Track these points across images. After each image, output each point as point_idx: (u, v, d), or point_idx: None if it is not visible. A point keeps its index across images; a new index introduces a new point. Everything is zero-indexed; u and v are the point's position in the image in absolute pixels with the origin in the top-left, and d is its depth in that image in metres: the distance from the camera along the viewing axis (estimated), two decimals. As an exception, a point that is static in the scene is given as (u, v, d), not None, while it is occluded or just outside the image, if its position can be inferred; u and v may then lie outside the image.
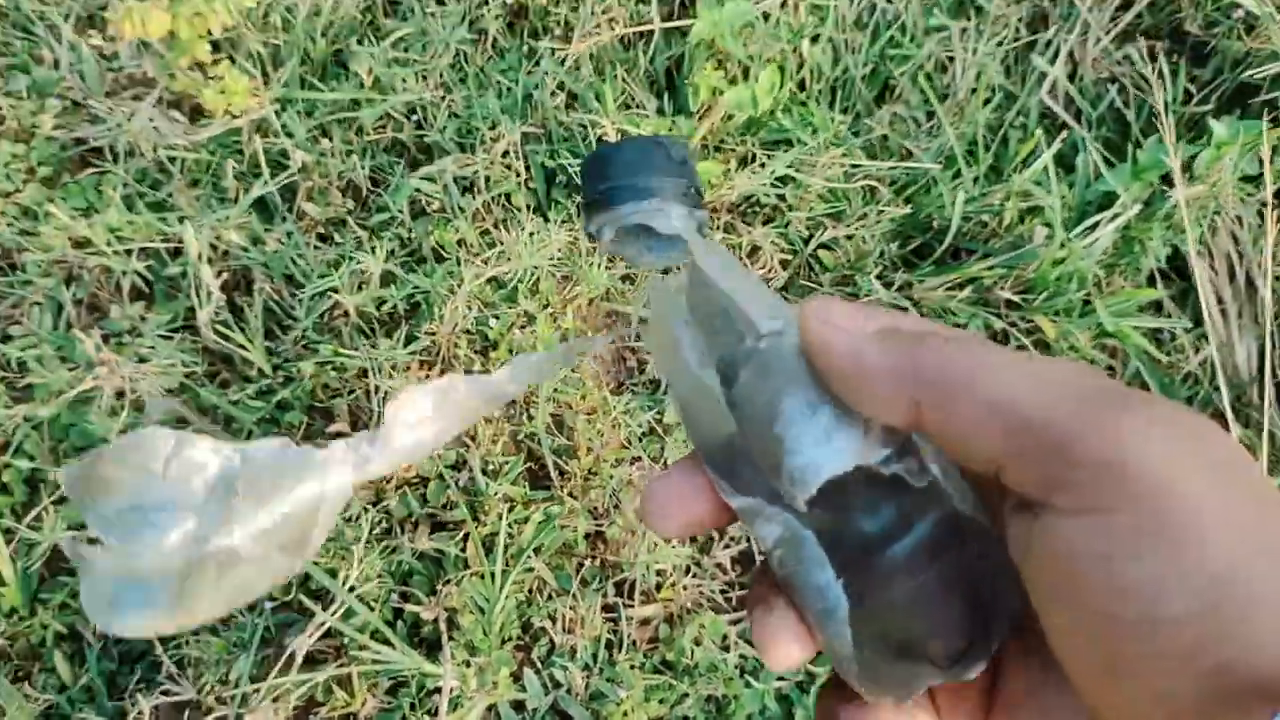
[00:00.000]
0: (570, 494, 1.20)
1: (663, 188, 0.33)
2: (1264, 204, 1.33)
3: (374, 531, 1.15)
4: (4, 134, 1.33)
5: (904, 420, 0.29)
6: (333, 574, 1.11)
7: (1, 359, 1.24)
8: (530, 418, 1.21)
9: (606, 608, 1.18)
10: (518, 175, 1.35)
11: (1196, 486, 0.25)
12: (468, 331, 1.24)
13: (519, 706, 1.13)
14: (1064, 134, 1.43)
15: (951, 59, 1.51)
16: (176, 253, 1.29)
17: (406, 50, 1.46)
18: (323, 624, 1.08)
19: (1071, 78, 1.51)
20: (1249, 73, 1.41)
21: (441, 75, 1.44)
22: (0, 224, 1.27)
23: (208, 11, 1.26)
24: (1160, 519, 0.24)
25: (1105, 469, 0.25)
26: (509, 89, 1.43)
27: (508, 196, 1.35)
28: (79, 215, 1.27)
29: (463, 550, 1.16)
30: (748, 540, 1.24)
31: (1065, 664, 0.27)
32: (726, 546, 1.23)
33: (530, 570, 1.16)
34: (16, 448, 1.19)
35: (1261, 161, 1.42)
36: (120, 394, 1.18)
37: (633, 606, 1.18)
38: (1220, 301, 1.41)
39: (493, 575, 1.14)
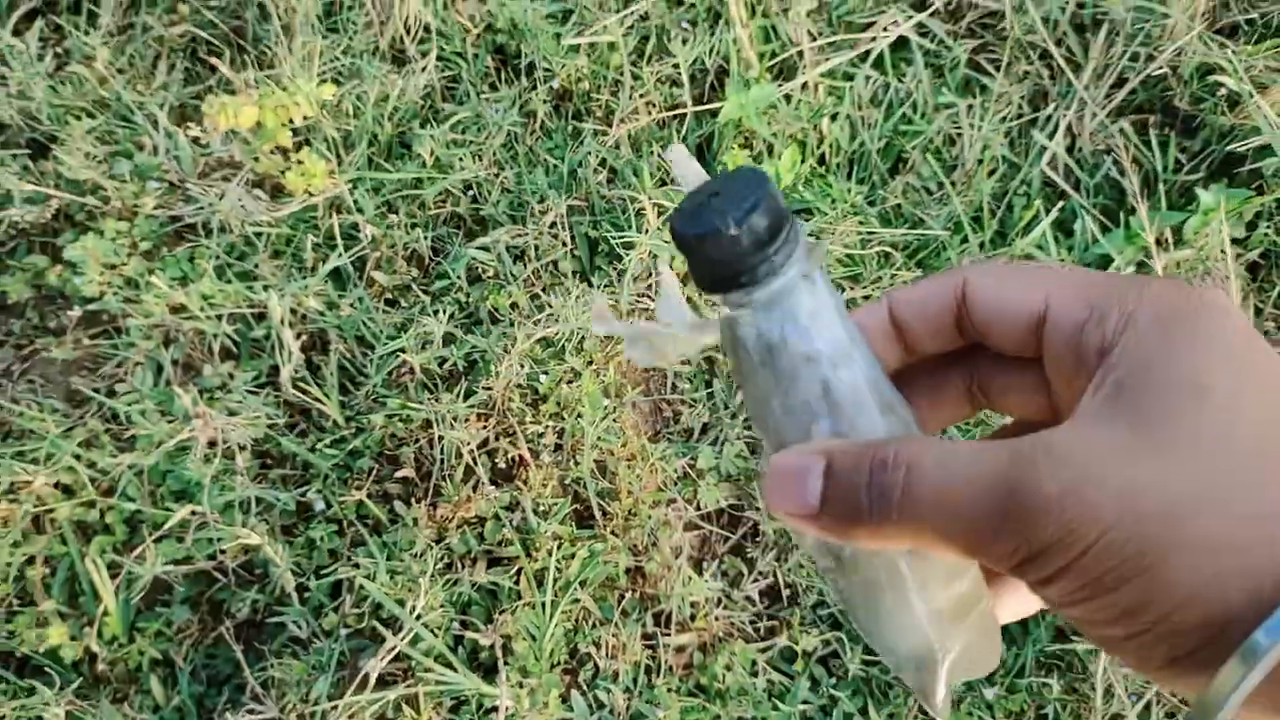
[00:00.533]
0: (613, 532, 1.33)
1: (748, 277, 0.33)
2: (1233, 267, 1.45)
3: (437, 566, 1.28)
4: (109, 213, 1.49)
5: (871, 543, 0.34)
6: (401, 603, 1.24)
7: (108, 412, 1.40)
8: (576, 464, 1.34)
9: (645, 636, 1.30)
10: (564, 244, 1.50)
11: (1117, 533, 0.28)
12: (520, 386, 1.38)
13: (567, 724, 1.25)
14: (1063, 201, 1.56)
15: (960, 133, 1.65)
16: (261, 317, 1.44)
17: (464, 132, 1.62)
18: (393, 648, 1.21)
19: (1070, 149, 1.64)
20: (1234, 145, 1.54)
21: (495, 154, 1.59)
22: (108, 293, 1.43)
23: (290, 104, 1.42)
24: (1095, 568, 0.29)
25: (1045, 553, 0.29)
26: (555, 166, 1.58)
27: (555, 264, 1.50)
28: (176, 284, 1.43)
29: (516, 583, 1.29)
30: (775, 575, 1.36)
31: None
32: (755, 580, 1.35)
33: (577, 601, 1.28)
34: (121, 491, 1.34)
35: (1253, 224, 1.54)
36: (212, 443, 1.33)
37: (669, 635, 1.30)
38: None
39: (543, 606, 1.26)
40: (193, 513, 1.30)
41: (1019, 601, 0.39)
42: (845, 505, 0.32)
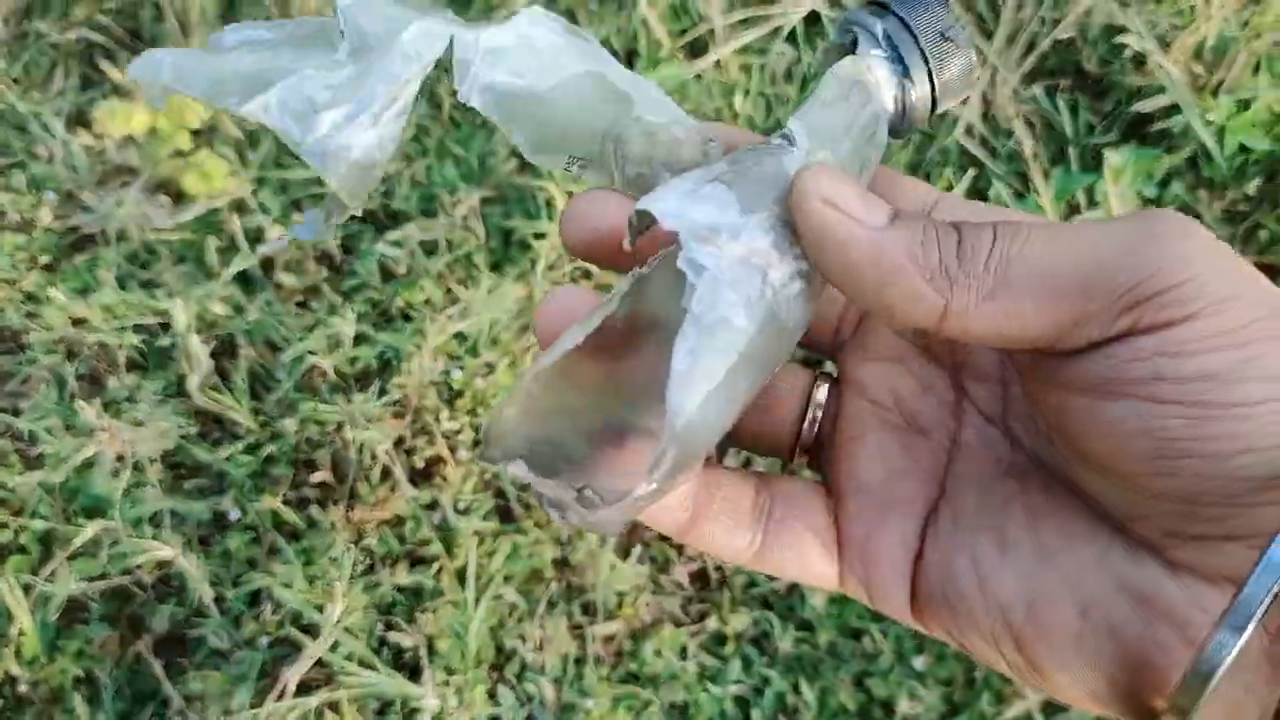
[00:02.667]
0: (536, 524, 1.32)
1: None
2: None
3: (358, 569, 1.27)
4: (6, 227, 1.46)
5: (930, 320, 0.28)
6: (320, 609, 1.23)
7: (13, 430, 1.36)
8: (495, 457, 1.33)
9: (573, 626, 1.30)
10: (477, 237, 1.48)
11: (1253, 294, 0.27)
12: (434, 383, 1.36)
13: (496, 720, 1.24)
14: (978, 170, 1.56)
15: (873, 105, 1.64)
16: (166, 326, 1.41)
17: (371, 126, 1.59)
18: (312, 654, 1.19)
19: (986, 116, 1.64)
20: (1141, 105, 1.54)
21: (404, 147, 1.57)
22: (8, 309, 1.40)
23: (185, 107, 1.39)
24: (1233, 318, 0.27)
25: (1181, 286, 0.26)
26: (464, 158, 1.56)
27: (468, 256, 1.48)
28: (77, 296, 1.40)
29: (438, 582, 1.28)
30: (704, 559, 1.36)
31: (1112, 466, 0.29)
32: (684, 564, 1.34)
33: (500, 597, 1.27)
34: (32, 511, 1.31)
35: (1162, 184, 1.55)
36: (120, 457, 1.30)
37: (597, 624, 1.30)
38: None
39: (466, 603, 1.25)
40: (105, 529, 1.28)
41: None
42: (915, 256, 0.28)
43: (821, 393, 0.37)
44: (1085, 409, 0.29)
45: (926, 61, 0.33)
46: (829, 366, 0.39)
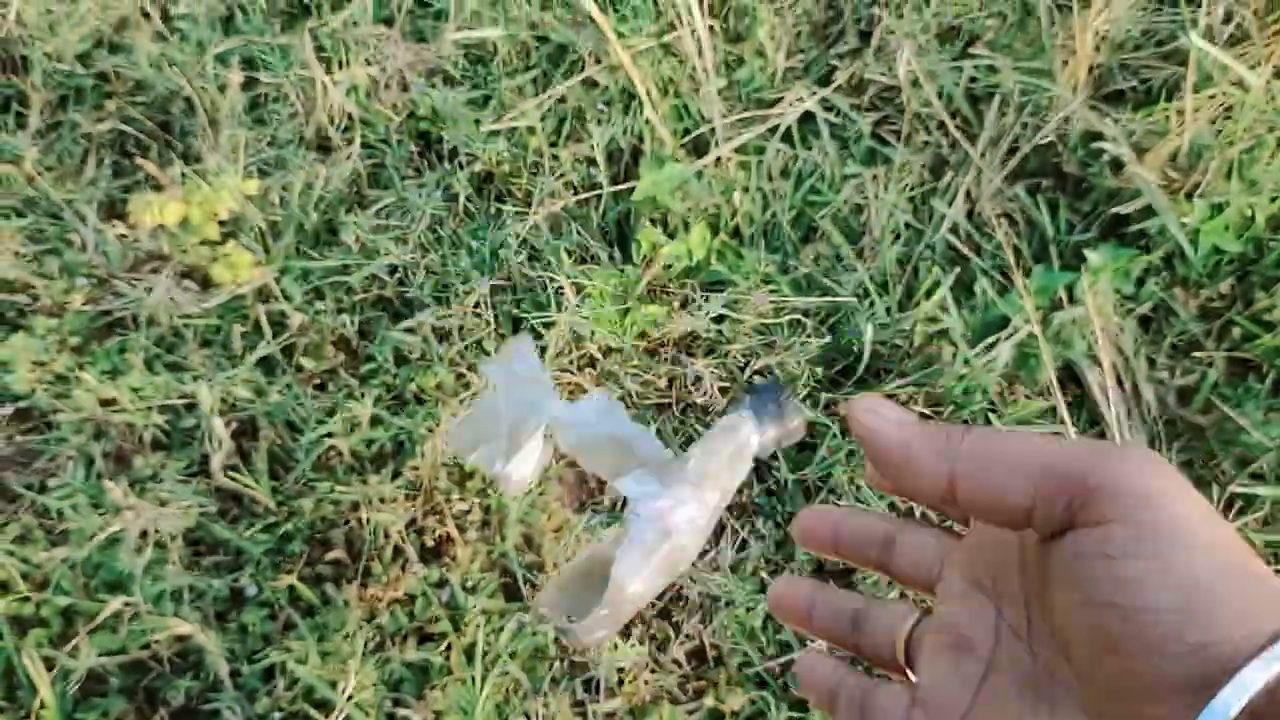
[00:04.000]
0: (540, 604, 1.37)
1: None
2: (1135, 318, 1.53)
3: (369, 645, 1.32)
4: (39, 310, 1.53)
5: (938, 493, 0.38)
6: (333, 685, 1.27)
7: (40, 507, 1.42)
8: (503, 539, 1.39)
9: (575, 704, 1.34)
10: (487, 324, 1.55)
11: (1178, 507, 0.31)
12: (446, 465, 1.42)
13: (500, 796, 1.28)
14: (959, 268, 1.64)
15: (866, 202, 1.73)
16: (191, 407, 1.47)
17: (389, 217, 1.67)
18: (326, 729, 1.24)
19: (971, 215, 1.73)
20: (1119, 207, 1.63)
21: (420, 238, 1.65)
22: (38, 390, 1.46)
23: (215, 199, 1.47)
24: (1152, 528, 0.31)
25: (1111, 492, 0.32)
26: (478, 248, 1.64)
27: (479, 342, 1.55)
28: (105, 378, 1.46)
29: (447, 659, 1.33)
30: (700, 638, 1.41)
31: (1071, 647, 0.34)
32: (681, 643, 1.39)
33: (506, 674, 1.32)
34: (55, 585, 1.36)
35: (1139, 282, 1.63)
36: (144, 534, 1.36)
37: (599, 702, 1.34)
38: (1110, 405, 1.60)
39: (473, 680, 1.30)
40: (126, 604, 1.33)
41: None
42: (943, 432, 0.38)
43: (909, 622, 0.46)
44: (1061, 601, 0.34)
45: (769, 423, 0.72)
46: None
